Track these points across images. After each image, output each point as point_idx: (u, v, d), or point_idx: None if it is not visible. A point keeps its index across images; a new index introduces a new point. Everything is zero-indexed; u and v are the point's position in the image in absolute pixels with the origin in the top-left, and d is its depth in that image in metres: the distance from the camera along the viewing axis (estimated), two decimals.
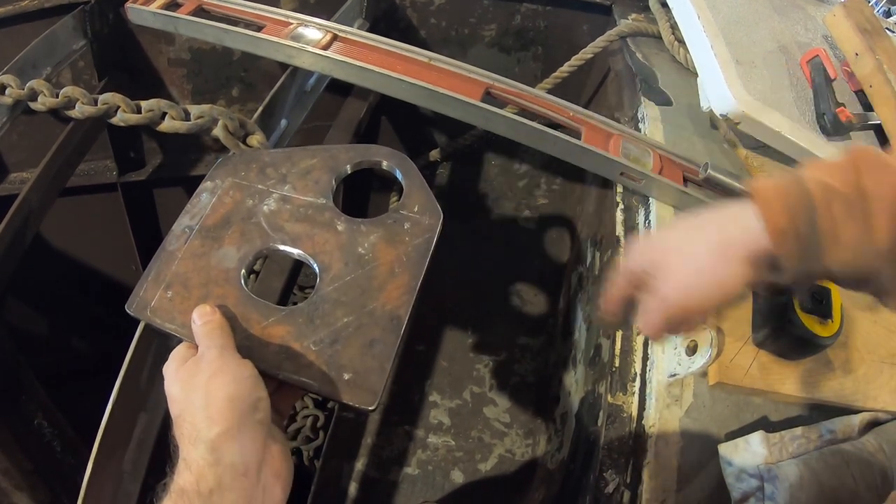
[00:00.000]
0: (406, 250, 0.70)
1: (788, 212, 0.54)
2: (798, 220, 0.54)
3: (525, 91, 0.98)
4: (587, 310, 1.16)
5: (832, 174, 0.54)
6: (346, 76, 0.96)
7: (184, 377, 0.56)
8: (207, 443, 0.50)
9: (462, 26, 1.48)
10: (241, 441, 0.51)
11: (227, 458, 0.50)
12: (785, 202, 0.55)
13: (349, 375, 0.61)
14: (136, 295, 0.67)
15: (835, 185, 0.54)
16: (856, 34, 0.99)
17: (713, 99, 0.94)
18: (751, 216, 0.56)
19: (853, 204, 0.52)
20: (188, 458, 0.51)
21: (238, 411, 0.52)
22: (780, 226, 0.54)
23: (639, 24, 1.24)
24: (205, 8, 1.10)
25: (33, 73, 1.05)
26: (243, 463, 0.50)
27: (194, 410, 0.53)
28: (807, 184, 0.55)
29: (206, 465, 0.49)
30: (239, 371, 0.55)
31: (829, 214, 0.53)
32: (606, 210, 1.08)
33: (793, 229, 0.54)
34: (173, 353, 0.60)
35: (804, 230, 0.54)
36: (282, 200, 0.73)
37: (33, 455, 1.16)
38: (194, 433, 0.51)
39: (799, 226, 0.54)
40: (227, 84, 1.48)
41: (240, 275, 0.67)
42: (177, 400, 0.55)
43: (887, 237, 0.51)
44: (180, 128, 0.81)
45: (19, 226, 1.02)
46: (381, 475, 1.26)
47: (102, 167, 1.49)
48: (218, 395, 0.52)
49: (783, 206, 0.55)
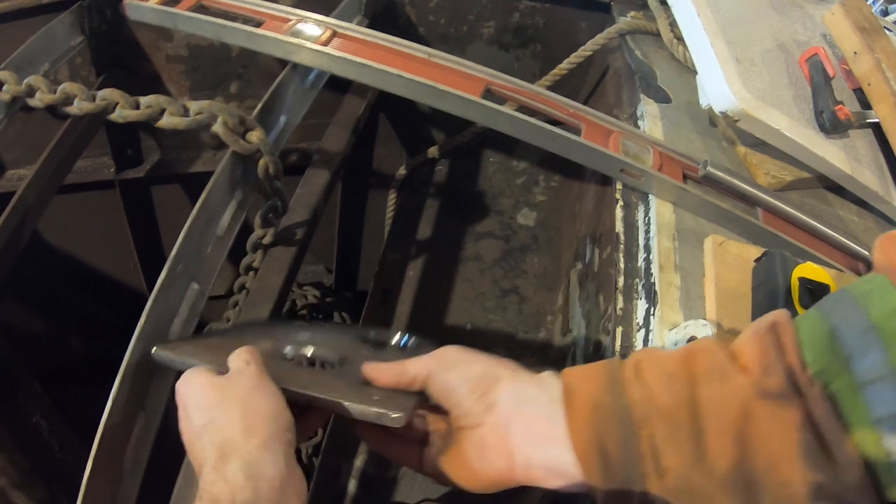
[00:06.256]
0: None
1: (595, 430, 0.47)
2: (607, 441, 0.46)
3: (524, 88, 0.98)
4: (586, 307, 1.16)
5: (660, 381, 0.47)
6: (346, 72, 0.96)
7: (221, 388, 0.54)
8: (245, 455, 0.49)
9: (461, 23, 1.48)
10: (276, 456, 0.50)
11: (265, 470, 0.49)
12: (593, 416, 0.47)
13: (378, 397, 0.60)
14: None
15: (660, 397, 0.46)
16: (854, 33, 0.99)
17: (712, 96, 0.94)
18: (558, 413, 0.49)
19: (680, 423, 0.45)
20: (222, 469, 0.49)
21: (276, 427, 0.51)
22: (583, 445, 0.47)
23: (638, 22, 1.24)
24: (203, 4, 1.10)
25: (31, 70, 1.04)
26: (279, 477, 0.49)
27: (231, 420, 0.51)
28: (626, 394, 0.47)
29: (244, 476, 0.48)
30: (276, 391, 0.55)
31: (647, 434, 0.45)
32: (605, 207, 1.08)
33: (599, 451, 0.46)
34: (191, 373, 0.58)
35: (616, 454, 0.46)
36: None
37: (31, 454, 1.16)
38: (229, 445, 0.50)
39: (608, 448, 0.46)
40: (225, 80, 1.48)
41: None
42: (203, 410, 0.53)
43: (723, 463, 0.43)
44: (179, 124, 0.80)
45: (16, 223, 1.02)
46: (381, 472, 1.26)
47: (100, 164, 1.49)
48: (258, 409, 0.52)
49: (590, 421, 0.47)
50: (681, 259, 0.81)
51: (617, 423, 0.47)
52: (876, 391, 0.41)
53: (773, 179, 0.96)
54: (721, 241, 0.81)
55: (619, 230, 0.91)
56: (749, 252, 0.79)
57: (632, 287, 0.82)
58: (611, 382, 0.49)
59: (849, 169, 0.93)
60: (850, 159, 0.94)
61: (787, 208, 0.89)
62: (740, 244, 0.82)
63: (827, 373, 0.43)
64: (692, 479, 0.44)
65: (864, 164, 0.96)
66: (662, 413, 0.46)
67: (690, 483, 0.44)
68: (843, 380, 0.43)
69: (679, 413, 0.45)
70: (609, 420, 0.47)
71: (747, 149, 0.99)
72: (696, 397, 0.45)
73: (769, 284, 0.71)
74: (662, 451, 0.45)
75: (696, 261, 0.81)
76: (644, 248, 0.85)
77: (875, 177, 0.96)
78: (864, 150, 0.98)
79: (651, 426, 0.46)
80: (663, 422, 0.46)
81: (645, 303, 0.78)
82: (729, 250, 0.80)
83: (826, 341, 0.44)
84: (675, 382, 0.47)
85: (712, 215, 0.88)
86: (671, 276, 0.79)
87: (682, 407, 0.45)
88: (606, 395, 0.48)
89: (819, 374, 0.44)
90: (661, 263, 0.80)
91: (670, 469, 0.45)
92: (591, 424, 0.48)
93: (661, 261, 0.81)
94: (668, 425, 0.45)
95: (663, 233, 0.85)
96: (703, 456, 0.44)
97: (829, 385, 0.43)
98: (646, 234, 0.86)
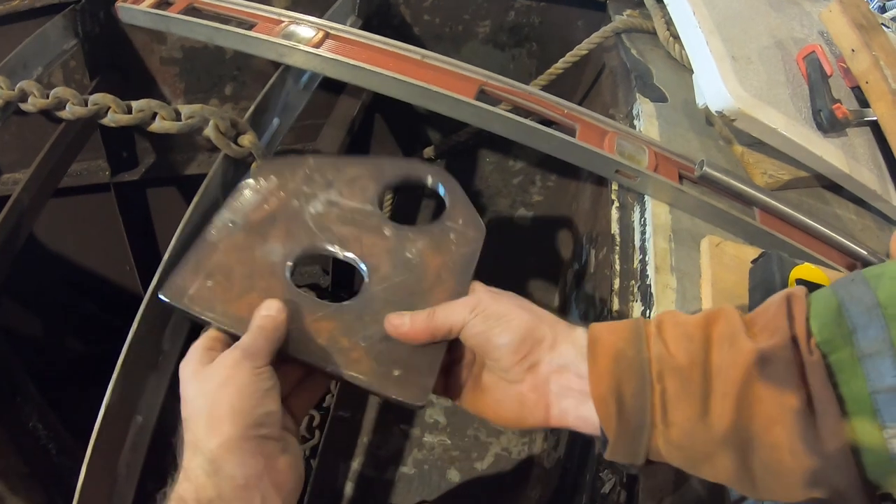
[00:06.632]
0: (452, 258, 0.70)
1: (614, 377, 0.50)
2: (623, 389, 0.50)
3: (519, 88, 0.97)
4: (583, 307, 1.16)
5: (678, 341, 0.50)
6: (339, 74, 0.95)
7: (199, 380, 0.54)
8: (206, 453, 0.49)
9: (456, 23, 1.47)
10: (240, 455, 0.49)
11: (226, 470, 0.49)
12: (615, 365, 0.51)
13: (399, 371, 0.60)
14: (173, 282, 0.64)
15: (676, 356, 0.49)
16: (852, 30, 0.99)
17: (709, 95, 0.93)
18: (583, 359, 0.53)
19: (691, 381, 0.48)
20: (187, 466, 0.50)
21: (240, 426, 0.50)
22: (601, 391, 0.51)
23: (634, 20, 1.24)
24: (196, 6, 1.09)
25: (24, 74, 1.04)
26: (244, 475, 0.49)
27: (197, 418, 0.51)
28: (644, 349, 0.50)
29: (205, 474, 0.48)
30: (249, 384, 0.52)
31: (660, 388, 0.49)
32: (602, 207, 1.08)
33: (615, 398, 0.50)
34: (192, 351, 0.57)
35: (630, 402, 0.49)
36: (329, 204, 0.73)
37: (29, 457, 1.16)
38: (195, 441, 0.50)
39: (624, 395, 0.50)
40: (219, 82, 1.47)
41: (285, 269, 0.67)
42: (186, 403, 0.53)
43: (723, 422, 0.47)
44: (171, 128, 0.80)
45: (12, 227, 1.01)
46: (378, 474, 1.26)
47: (95, 167, 1.48)
48: (222, 406, 0.51)
49: (611, 369, 0.51)
50: (677, 260, 0.81)
51: (634, 374, 0.50)
52: (874, 364, 0.43)
53: (771, 179, 0.95)
54: (718, 242, 0.80)
55: (614, 231, 0.90)
56: (746, 253, 0.79)
57: (628, 289, 0.82)
58: (635, 337, 0.52)
59: (847, 167, 0.93)
60: (847, 158, 0.94)
61: (785, 208, 0.88)
62: (737, 245, 0.82)
63: (831, 343, 0.46)
64: (694, 434, 0.47)
65: (862, 163, 0.95)
66: (676, 371, 0.49)
67: (692, 437, 0.48)
68: (845, 351, 0.45)
69: (692, 372, 0.48)
70: (628, 370, 0.50)
71: (744, 148, 0.99)
72: (709, 359, 0.48)
73: (766, 286, 0.71)
74: (672, 405, 0.48)
75: (693, 262, 0.81)
76: (640, 249, 0.84)
77: (873, 175, 0.95)
78: (862, 149, 0.98)
79: (664, 381, 0.49)
80: (676, 379, 0.49)
81: (641, 305, 0.78)
82: (725, 251, 0.79)
83: (833, 314, 0.47)
84: (692, 344, 0.49)
85: (709, 216, 0.88)
86: (667, 277, 0.79)
87: (694, 367, 0.48)
88: (629, 348, 0.51)
89: (823, 343, 0.46)
90: (657, 265, 0.80)
91: (675, 423, 0.48)
92: (610, 372, 0.51)
93: (657, 262, 0.80)
94: (680, 382, 0.48)
95: (659, 234, 0.84)
96: (707, 414, 0.47)
97: (832, 355, 0.45)
98: (642, 236, 0.86)
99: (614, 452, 0.51)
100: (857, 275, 0.49)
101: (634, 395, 0.49)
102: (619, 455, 0.51)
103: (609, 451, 0.51)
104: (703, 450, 0.48)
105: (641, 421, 0.49)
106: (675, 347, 0.50)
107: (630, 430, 0.49)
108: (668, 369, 0.49)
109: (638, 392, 0.49)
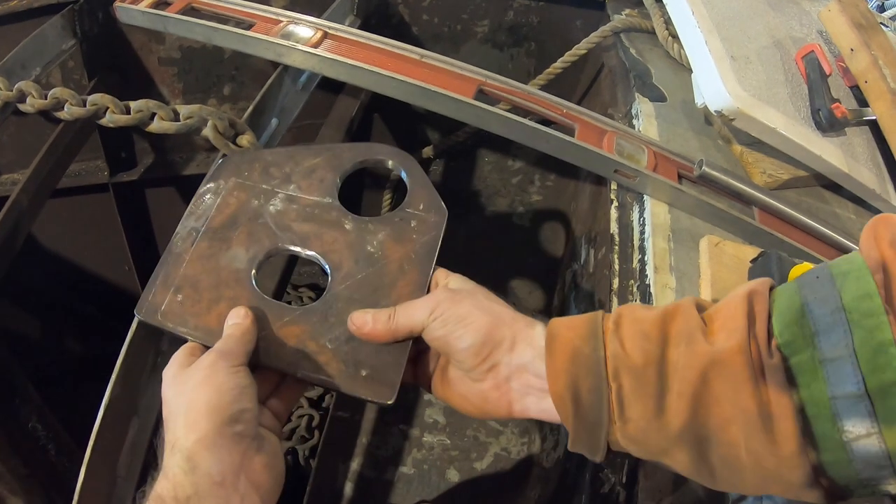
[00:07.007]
0: (414, 248, 0.70)
1: (571, 375, 0.51)
2: (580, 386, 0.50)
3: (517, 88, 0.97)
4: (581, 307, 1.15)
5: (634, 339, 0.50)
6: (337, 74, 0.95)
7: (178, 383, 0.56)
8: (184, 451, 0.50)
9: (455, 22, 1.47)
10: (217, 451, 0.50)
11: (202, 466, 0.49)
12: (571, 363, 0.51)
13: (366, 371, 0.61)
14: (146, 300, 0.65)
15: (632, 355, 0.49)
16: (851, 29, 0.99)
17: (707, 95, 0.93)
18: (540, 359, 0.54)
19: (646, 380, 0.48)
20: (166, 465, 0.51)
21: (216, 422, 0.51)
22: (558, 388, 0.51)
23: (632, 20, 1.24)
24: (194, 6, 1.09)
25: (22, 74, 1.04)
26: (220, 472, 0.50)
27: (176, 417, 0.53)
28: (600, 347, 0.51)
29: (182, 472, 0.49)
30: (226, 381, 0.54)
31: (616, 386, 0.49)
32: (600, 207, 1.08)
33: (572, 395, 0.51)
34: (174, 357, 0.59)
35: (587, 399, 0.50)
36: (288, 200, 0.73)
37: (28, 459, 1.16)
38: (174, 440, 0.51)
39: (581, 392, 0.50)
40: (218, 82, 1.47)
41: (250, 276, 0.67)
42: (166, 404, 0.55)
43: (679, 420, 0.47)
44: (169, 129, 0.80)
45: (10, 228, 1.01)
46: (377, 474, 1.26)
47: (94, 167, 1.48)
48: (198, 404, 0.52)
49: (567, 367, 0.51)
50: (676, 260, 0.81)
51: (590, 372, 0.50)
52: (836, 369, 0.43)
53: (770, 178, 0.95)
54: (717, 242, 0.80)
55: (613, 231, 0.90)
56: (745, 252, 0.78)
57: (627, 289, 0.82)
58: (592, 334, 0.52)
59: (846, 167, 0.92)
60: (847, 157, 0.94)
61: (784, 207, 0.88)
62: (736, 244, 0.82)
63: (792, 345, 0.45)
64: (649, 431, 0.48)
65: (861, 162, 0.95)
66: (631, 370, 0.49)
67: (647, 434, 0.49)
68: (806, 353, 0.45)
69: (647, 371, 0.49)
70: (584, 368, 0.51)
71: (743, 147, 0.99)
72: (665, 358, 0.49)
73: None
74: (628, 402, 0.49)
75: (692, 262, 0.81)
76: (639, 249, 0.84)
77: (872, 174, 0.95)
78: (861, 148, 0.97)
79: (620, 379, 0.49)
80: (632, 377, 0.49)
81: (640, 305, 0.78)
82: (725, 251, 0.79)
83: (796, 315, 0.46)
84: (648, 343, 0.50)
85: (708, 215, 0.88)
86: (666, 277, 0.79)
87: (649, 366, 0.49)
88: (586, 345, 0.52)
89: (784, 345, 0.46)
90: (657, 265, 0.80)
91: (632, 419, 0.49)
92: (567, 370, 0.51)
93: (656, 262, 0.80)
94: (636, 381, 0.49)
95: (658, 233, 0.84)
96: (662, 412, 0.48)
97: (793, 357, 0.45)
98: (641, 235, 0.86)
99: (575, 445, 0.52)
100: (822, 270, 0.48)
101: (591, 392, 0.50)
102: (580, 447, 0.52)
103: (570, 443, 0.53)
104: (660, 445, 0.49)
105: (598, 417, 0.50)
106: (630, 346, 0.50)
107: (588, 425, 0.51)
108: (623, 368, 0.50)
109: (594, 389, 0.50)
